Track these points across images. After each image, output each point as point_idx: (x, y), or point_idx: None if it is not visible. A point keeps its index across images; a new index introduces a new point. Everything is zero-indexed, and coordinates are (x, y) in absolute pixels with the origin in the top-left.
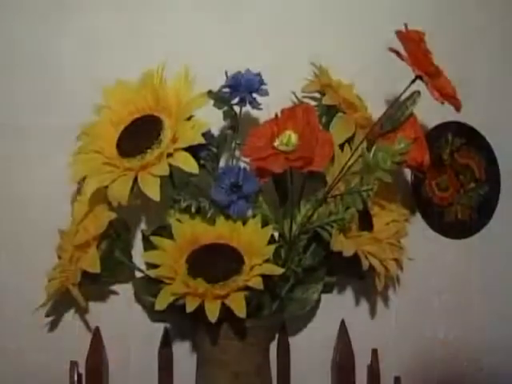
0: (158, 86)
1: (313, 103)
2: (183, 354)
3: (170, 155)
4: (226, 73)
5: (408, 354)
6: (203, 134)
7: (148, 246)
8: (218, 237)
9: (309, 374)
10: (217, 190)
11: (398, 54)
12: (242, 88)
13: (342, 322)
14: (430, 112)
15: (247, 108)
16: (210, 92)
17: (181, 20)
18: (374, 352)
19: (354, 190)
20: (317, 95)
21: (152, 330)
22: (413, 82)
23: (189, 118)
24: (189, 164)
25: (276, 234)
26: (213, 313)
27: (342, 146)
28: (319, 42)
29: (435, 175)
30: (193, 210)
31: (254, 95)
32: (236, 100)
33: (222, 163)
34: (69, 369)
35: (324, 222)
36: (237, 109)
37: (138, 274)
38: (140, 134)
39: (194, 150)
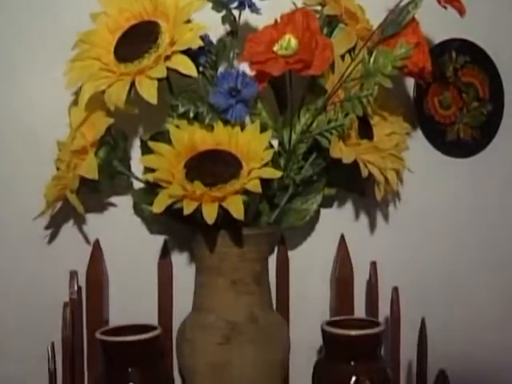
0: None
1: None
2: (182, 263)
3: (167, 59)
4: None
5: (406, 266)
6: (202, 39)
7: (146, 151)
8: (216, 143)
9: (308, 287)
10: (215, 95)
11: None
12: None
13: (342, 237)
14: (434, 28)
15: (246, 15)
16: None
17: None
18: (373, 265)
19: (353, 96)
20: (318, 8)
21: (151, 242)
22: None
23: (187, 23)
24: (187, 66)
25: (276, 144)
26: (210, 215)
27: (342, 58)
28: None
29: (438, 92)
30: (191, 115)
31: None
32: (235, 4)
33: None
34: (68, 279)
35: (323, 130)
36: (236, 13)
37: (137, 186)
38: (137, 39)
39: (192, 57)
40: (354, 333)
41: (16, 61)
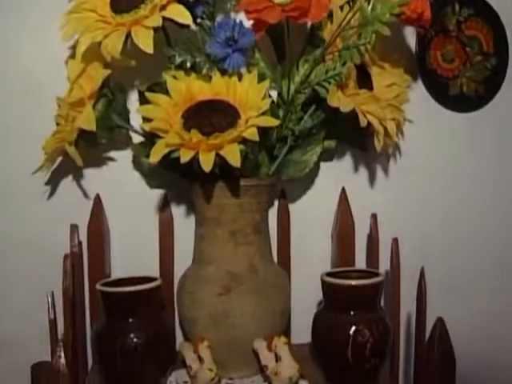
0: None
1: None
2: (183, 217)
3: (163, 8)
4: None
5: (407, 219)
6: None
7: (144, 102)
8: (214, 93)
9: (309, 241)
10: (212, 44)
11: None
12: None
13: (343, 190)
14: None
15: None
16: None
17: None
18: (374, 217)
19: (351, 44)
20: None
21: (151, 196)
22: None
23: None
24: (182, 15)
25: (274, 95)
26: (207, 163)
27: (341, 8)
28: None
29: (440, 46)
30: (188, 65)
31: None
32: None
33: None
34: (69, 233)
35: (321, 79)
36: None
37: (136, 140)
38: None
39: (189, 8)
40: (353, 283)
41: (23, 12)
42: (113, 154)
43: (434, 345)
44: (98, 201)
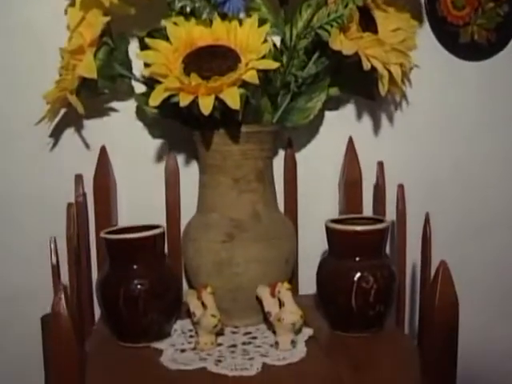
0: None
1: None
2: (188, 166)
3: None
4: None
5: (415, 167)
6: None
7: (144, 48)
8: (214, 38)
9: (316, 190)
10: None
11: None
12: None
13: (350, 139)
14: None
15: None
16: None
17: None
18: (380, 164)
19: None
20: None
21: (156, 146)
22: None
23: None
24: None
25: (277, 42)
26: (206, 107)
27: None
28: None
29: None
30: (188, 10)
31: None
32: None
33: None
34: (74, 183)
35: (323, 23)
36: None
37: (139, 91)
38: None
39: None
40: (358, 228)
41: None
42: (116, 104)
43: (437, 287)
44: (103, 152)
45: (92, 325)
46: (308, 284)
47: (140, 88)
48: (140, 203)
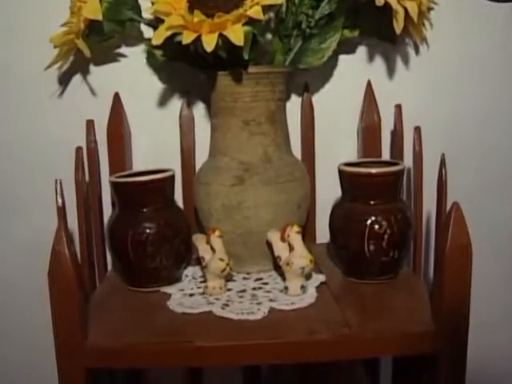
0: None
1: None
2: (201, 111)
3: None
4: None
5: (436, 111)
6: None
7: None
8: None
9: (334, 136)
10: None
11: None
12: None
13: (369, 83)
14: None
15: None
16: None
17: None
18: (398, 107)
19: None
20: None
21: (168, 92)
22: None
23: None
24: None
25: None
26: (209, 43)
27: None
28: None
29: None
30: None
31: None
32: None
33: None
34: (85, 129)
35: None
36: None
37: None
38: None
39: None
40: (372, 171)
41: None
42: (125, 50)
43: (449, 227)
44: (117, 98)
45: (105, 272)
46: (326, 233)
47: (150, 33)
48: (155, 150)
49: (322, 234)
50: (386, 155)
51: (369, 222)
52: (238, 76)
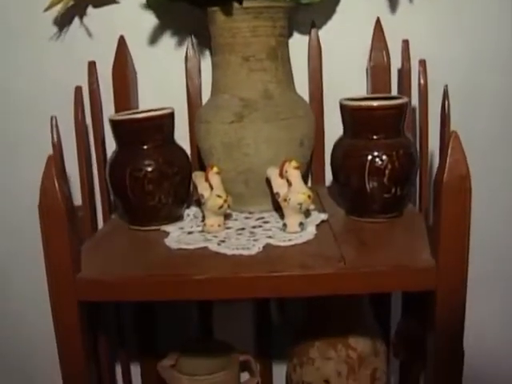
0: None
1: None
2: (205, 49)
3: None
4: None
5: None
6: None
7: None
8: None
9: (342, 77)
10: None
11: None
12: None
13: (378, 20)
14: None
15: None
16: None
17: None
18: (405, 43)
19: None
20: None
21: (172, 33)
22: None
23: None
24: None
25: None
26: None
27: None
28: None
29: None
30: None
31: None
32: None
33: None
34: (87, 70)
35: None
36: None
37: None
38: None
39: None
40: (374, 104)
41: None
42: None
43: (446, 157)
44: (122, 42)
45: (109, 214)
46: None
47: None
48: (160, 91)
49: (330, 176)
50: (395, 93)
51: (369, 157)
52: (235, 11)
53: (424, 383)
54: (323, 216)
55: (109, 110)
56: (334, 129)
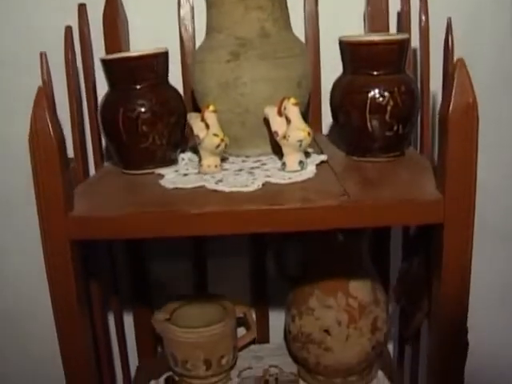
0: None
1: None
2: None
3: None
4: None
5: None
6: None
7: None
8: None
9: (340, 24)
10: None
11: None
12: None
13: None
14: None
15: None
16: None
17: None
18: None
19: None
20: None
21: None
22: None
23: None
24: None
25: None
26: None
27: None
28: None
29: None
30: None
31: None
32: None
33: None
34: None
35: None
36: None
37: None
38: None
39: None
40: (375, 38)
41: None
42: None
43: (452, 86)
44: None
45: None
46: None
47: None
48: (153, 33)
49: (328, 125)
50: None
51: (371, 93)
52: None
53: (427, 329)
54: (323, 157)
55: (100, 55)
56: (331, 75)
